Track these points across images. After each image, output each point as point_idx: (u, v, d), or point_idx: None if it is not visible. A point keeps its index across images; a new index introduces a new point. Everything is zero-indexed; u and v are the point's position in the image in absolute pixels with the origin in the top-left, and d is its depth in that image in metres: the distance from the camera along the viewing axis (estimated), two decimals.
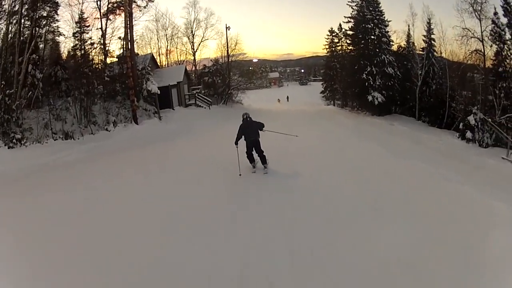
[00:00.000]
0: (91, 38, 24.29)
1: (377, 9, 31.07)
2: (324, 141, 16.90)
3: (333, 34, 43.32)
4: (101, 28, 24.74)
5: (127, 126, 21.57)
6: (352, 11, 33.09)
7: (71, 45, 23.78)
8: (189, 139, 18.94)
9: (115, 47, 26.70)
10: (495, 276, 5.17)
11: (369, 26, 30.50)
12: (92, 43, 24.25)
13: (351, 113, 33.61)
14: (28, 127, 17.99)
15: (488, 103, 22.54)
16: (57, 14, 22.24)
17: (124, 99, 23.35)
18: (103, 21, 24.72)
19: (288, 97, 59.28)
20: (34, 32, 20.47)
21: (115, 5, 24.49)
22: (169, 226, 7.25)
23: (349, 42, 34.99)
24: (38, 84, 19.60)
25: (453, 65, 27.13)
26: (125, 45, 23.23)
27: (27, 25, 20.32)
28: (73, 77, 21.71)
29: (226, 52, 38.56)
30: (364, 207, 7.85)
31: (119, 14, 24.29)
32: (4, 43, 19.33)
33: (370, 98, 29.50)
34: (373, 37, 30.50)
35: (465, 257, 5.65)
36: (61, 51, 23.84)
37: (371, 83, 29.62)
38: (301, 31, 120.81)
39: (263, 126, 10.75)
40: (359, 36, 31.50)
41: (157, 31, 37.21)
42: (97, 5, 24.72)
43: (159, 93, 24.16)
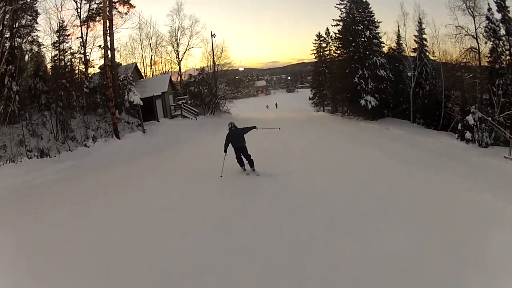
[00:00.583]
0: (71, 47, 23.06)
1: (367, 10, 30.29)
2: (318, 149, 16.28)
3: (321, 38, 42.70)
4: (81, 37, 23.54)
5: (107, 141, 20.13)
6: (340, 14, 32.20)
7: (51, 56, 22.43)
8: (175, 152, 18.08)
9: (97, 56, 24.93)
10: None
11: (359, 27, 29.69)
12: (72, 53, 23.02)
13: (343, 119, 32.94)
14: (1, 145, 16.58)
15: (485, 102, 22.05)
16: (37, 23, 21.18)
17: (105, 112, 22.00)
18: (84, 29, 23.65)
19: (276, 104, 59.11)
20: (13, 42, 19.30)
21: (95, 12, 23.27)
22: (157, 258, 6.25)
23: (338, 45, 34.17)
24: (14, 97, 18.10)
25: (447, 64, 26.59)
26: (104, 54, 21.93)
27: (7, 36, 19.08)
28: (53, 89, 20.28)
29: (212, 60, 37.65)
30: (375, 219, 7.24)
31: (99, 21, 22.99)
32: None
33: (363, 102, 28.62)
34: (363, 39, 29.63)
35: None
36: (41, 62, 22.34)
37: (363, 87, 28.71)
38: (286, 38, 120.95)
39: (254, 128, 11.54)
40: (349, 38, 30.61)
41: (141, 41, 36.21)
42: (77, 12, 23.55)
43: (141, 104, 22.84)
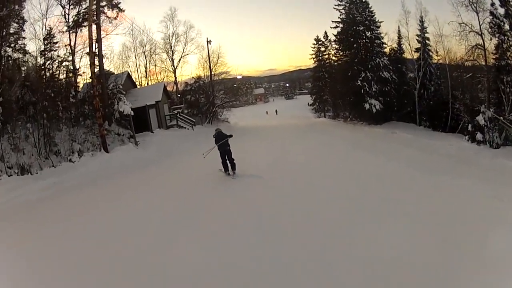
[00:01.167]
0: (59, 56, 21.87)
1: (367, 10, 29.06)
2: (324, 157, 15.36)
3: (319, 42, 42.09)
4: (70, 44, 22.32)
5: (95, 155, 18.68)
6: (340, 15, 30.84)
7: (38, 64, 21.19)
8: (169, 165, 16.99)
9: (86, 64, 23.58)
10: None
11: (360, 28, 28.46)
12: (60, 61, 21.80)
13: (346, 124, 31.67)
14: None
15: (492, 100, 20.88)
16: (23, 30, 20.18)
17: (93, 124, 20.67)
18: (72, 36, 22.55)
19: (276, 110, 58.76)
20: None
21: (83, 17, 22.02)
22: None
23: (339, 48, 32.73)
24: None
25: (453, 63, 25.18)
26: (90, 60, 20.59)
27: None
28: (37, 100, 19.00)
29: (208, 67, 36.43)
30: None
31: (86, 27, 21.66)
32: None
33: (367, 106, 27.30)
34: (365, 40, 28.45)
35: None
36: (29, 72, 21.02)
37: (367, 90, 27.46)
38: (283, 45, 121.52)
39: (231, 136, 12.25)
40: (350, 40, 29.31)
41: (135, 49, 35.15)
42: (64, 18, 22.42)
43: (132, 114, 21.42)
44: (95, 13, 21.69)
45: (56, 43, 21.76)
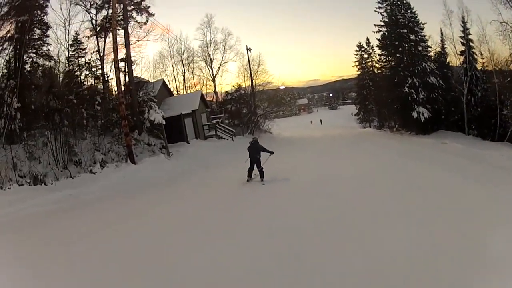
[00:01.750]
0: (87, 62, 20.35)
1: (409, 11, 26.74)
2: (379, 169, 13.12)
3: (362, 49, 39.98)
4: (98, 50, 20.62)
5: (119, 166, 16.66)
6: (381, 18, 28.38)
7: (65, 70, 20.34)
8: (202, 179, 14.93)
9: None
10: None
11: (404, 31, 26.13)
12: (87, 67, 20.20)
13: (393, 134, 29.48)
14: None
15: None
16: (47, 36, 19.18)
17: (121, 133, 18.80)
18: (101, 42, 21.29)
19: (321, 120, 57.33)
20: (21, 56, 17.33)
21: (108, 21, 20.31)
22: None
23: (382, 53, 29.95)
24: (15, 115, 16.05)
25: (498, 66, 23.71)
26: (114, 65, 18.55)
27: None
28: (62, 107, 17.70)
29: (249, 76, 33.98)
30: None
31: (112, 31, 19.85)
32: None
33: (415, 114, 25.00)
34: (410, 43, 26.18)
35: None
36: (55, 78, 19.62)
37: (414, 97, 25.18)
38: (325, 56, 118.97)
39: (265, 150, 12.37)
40: (395, 43, 26.88)
41: (171, 57, 33.34)
42: (91, 24, 20.92)
43: (164, 123, 19.46)
44: (121, 17, 20.33)
45: (84, 49, 20.85)
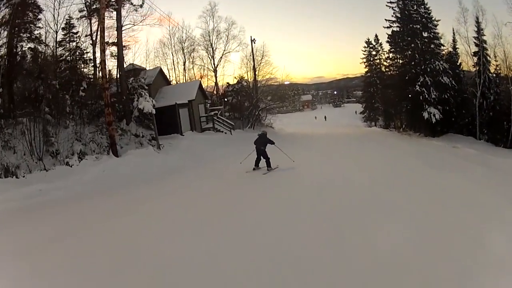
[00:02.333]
0: (78, 46, 18.71)
1: (423, 6, 25.30)
2: (394, 176, 10.89)
3: (370, 46, 39.19)
4: (90, 34, 19.00)
5: (100, 158, 14.77)
6: (393, 13, 26.70)
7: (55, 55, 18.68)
8: (192, 177, 13.09)
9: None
10: None
11: (417, 26, 24.71)
12: (80, 52, 18.68)
13: (401, 135, 27.99)
14: None
15: None
16: (39, 19, 17.78)
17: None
18: (94, 26, 19.48)
19: (325, 117, 56.99)
20: (11, 40, 16.28)
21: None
22: None
23: (393, 49, 28.42)
24: None
25: None
26: (100, 47, 16.72)
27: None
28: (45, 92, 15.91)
29: (251, 67, 32.25)
30: None
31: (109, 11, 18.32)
32: None
33: (425, 115, 23.80)
34: (423, 39, 24.78)
35: None
36: (46, 63, 17.83)
37: (426, 97, 23.74)
38: (331, 53, 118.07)
39: (272, 142, 12.59)
40: (407, 39, 25.34)
41: (172, 45, 31.63)
42: (85, 6, 19.27)
43: (153, 112, 17.61)
44: None
45: (76, 33, 19.19)
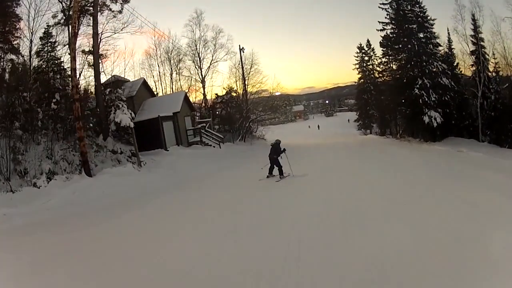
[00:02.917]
0: (54, 56, 17.43)
1: (417, 6, 24.23)
2: (410, 190, 9.33)
3: (363, 51, 38.35)
4: (69, 43, 17.64)
5: (71, 179, 13.16)
6: (386, 15, 25.65)
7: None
8: (174, 202, 10.99)
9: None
10: None
11: (413, 26, 23.67)
12: (55, 62, 17.30)
13: (400, 142, 26.53)
14: None
15: None
16: (18, 28, 17.26)
17: (87, 136, 15.47)
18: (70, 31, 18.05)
19: (318, 126, 57.22)
20: None
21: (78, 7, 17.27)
22: None
23: (387, 52, 27.35)
24: None
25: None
26: (70, 53, 15.30)
27: None
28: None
29: (241, 77, 31.19)
30: None
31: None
32: None
33: (426, 119, 22.42)
34: (421, 39, 23.63)
35: None
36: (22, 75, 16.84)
37: (425, 100, 22.53)
38: (321, 64, 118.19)
39: (283, 151, 13.00)
40: (404, 40, 24.23)
41: (158, 57, 30.31)
42: (63, 14, 17.89)
43: (131, 126, 16.16)
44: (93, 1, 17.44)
45: (54, 42, 17.72)
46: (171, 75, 30.58)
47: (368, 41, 37.69)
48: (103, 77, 20.00)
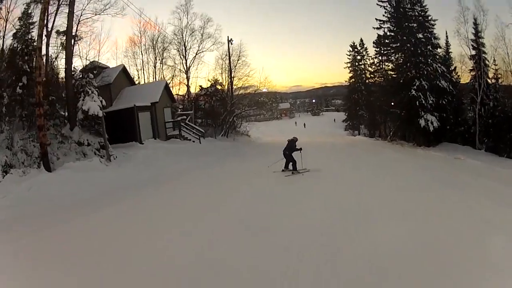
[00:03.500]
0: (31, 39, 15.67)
1: (418, 4, 23.32)
2: (414, 201, 8.18)
3: (355, 50, 37.01)
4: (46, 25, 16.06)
5: (28, 173, 11.59)
6: (384, 12, 24.66)
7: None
8: (141, 201, 9.61)
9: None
10: None
11: (414, 25, 22.74)
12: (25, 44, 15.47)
13: (392, 145, 25.17)
14: None
15: None
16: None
17: (53, 125, 14.11)
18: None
19: (304, 124, 56.71)
20: None
21: None
22: None
23: (384, 51, 26.86)
24: None
25: None
26: (38, 30, 13.67)
27: None
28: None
29: (227, 69, 29.94)
30: None
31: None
32: None
33: (422, 122, 21.78)
34: (421, 39, 22.66)
35: None
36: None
37: (422, 102, 21.69)
38: (309, 63, 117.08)
39: (296, 149, 13.06)
40: (403, 38, 23.20)
41: (143, 44, 28.70)
42: None
43: (100, 115, 14.59)
44: None
45: (33, 23, 16.00)
46: (155, 64, 28.97)
47: (361, 40, 36.59)
48: (81, 62, 18.97)
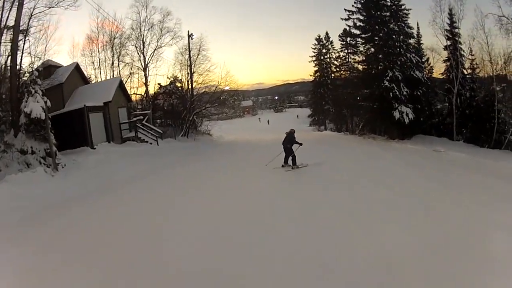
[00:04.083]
0: None
1: None
2: (409, 204, 7.65)
3: (321, 43, 37.10)
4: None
5: None
6: (354, 2, 24.42)
7: None
8: (85, 217, 8.23)
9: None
10: None
11: (387, 14, 22.26)
12: None
13: (364, 139, 24.75)
14: None
15: None
16: None
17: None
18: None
19: (268, 121, 57.98)
20: None
21: None
22: None
23: (353, 42, 26.82)
24: None
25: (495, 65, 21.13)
26: None
27: None
28: None
29: (187, 64, 28.79)
30: None
31: None
32: None
33: (397, 114, 21.46)
34: (396, 28, 22.20)
35: None
36: None
37: (396, 93, 21.16)
38: (271, 60, 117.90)
39: (296, 142, 12.82)
40: (375, 27, 22.72)
41: (100, 41, 26.94)
42: None
43: (42, 118, 12.71)
44: None
45: None
46: (113, 62, 27.15)
47: (326, 33, 36.75)
48: (32, 61, 17.12)
